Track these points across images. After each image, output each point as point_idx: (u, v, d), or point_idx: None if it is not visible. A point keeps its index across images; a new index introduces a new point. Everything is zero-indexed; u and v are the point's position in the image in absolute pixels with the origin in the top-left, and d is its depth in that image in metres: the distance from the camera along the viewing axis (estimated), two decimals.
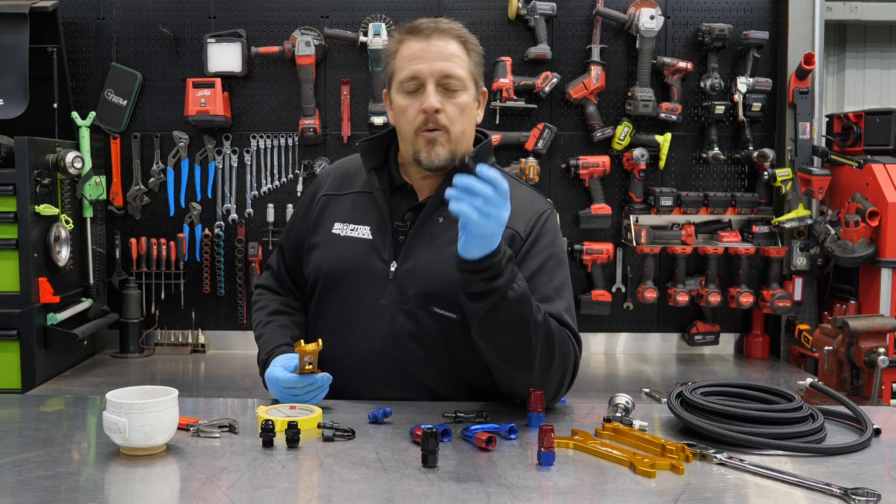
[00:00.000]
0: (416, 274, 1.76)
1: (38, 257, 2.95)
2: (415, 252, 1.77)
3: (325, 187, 1.93)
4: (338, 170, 1.97)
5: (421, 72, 1.72)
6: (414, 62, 1.72)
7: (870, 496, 1.23)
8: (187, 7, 3.48)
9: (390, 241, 1.80)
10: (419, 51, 1.73)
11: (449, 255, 1.60)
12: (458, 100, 1.73)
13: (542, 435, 1.39)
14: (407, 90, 1.74)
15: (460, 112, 1.74)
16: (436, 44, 1.73)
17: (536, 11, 3.38)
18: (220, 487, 1.30)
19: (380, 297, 1.77)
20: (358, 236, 1.82)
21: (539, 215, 1.79)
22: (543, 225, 1.78)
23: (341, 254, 1.82)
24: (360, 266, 1.80)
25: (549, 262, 1.75)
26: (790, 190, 3.41)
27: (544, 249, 1.76)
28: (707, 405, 1.53)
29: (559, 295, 1.73)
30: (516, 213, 1.68)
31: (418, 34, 1.75)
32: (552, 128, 3.41)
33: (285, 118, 3.48)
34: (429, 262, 1.75)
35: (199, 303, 3.52)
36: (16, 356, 2.91)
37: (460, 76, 1.73)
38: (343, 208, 1.87)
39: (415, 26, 1.77)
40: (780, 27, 3.50)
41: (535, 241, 1.75)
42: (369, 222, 1.83)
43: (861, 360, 2.62)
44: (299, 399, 1.71)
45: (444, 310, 1.72)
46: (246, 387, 2.96)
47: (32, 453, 1.46)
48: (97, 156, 3.42)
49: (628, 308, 3.58)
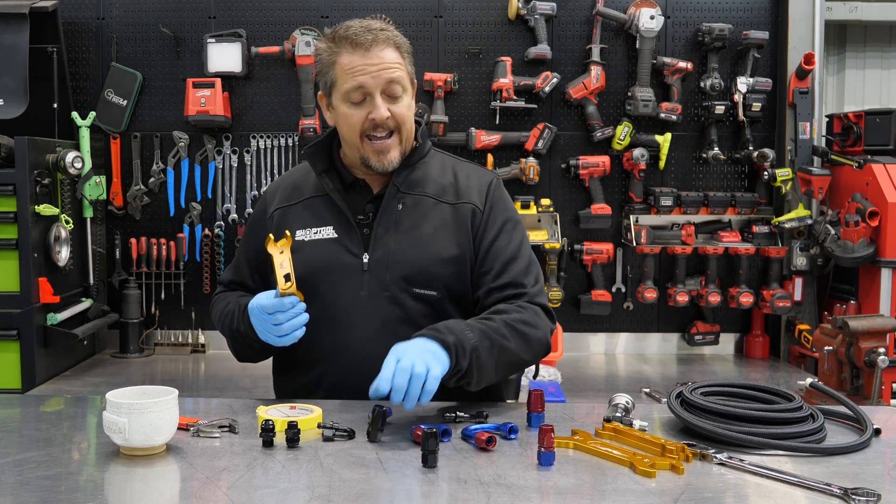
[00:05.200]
0: (390, 260, 1.83)
1: (38, 257, 2.95)
2: (383, 240, 1.84)
3: (276, 202, 1.97)
4: (284, 183, 2.02)
5: (366, 83, 1.80)
6: (357, 75, 1.80)
7: (870, 496, 1.23)
8: (187, 7, 3.48)
9: (357, 234, 1.86)
10: (361, 64, 1.80)
11: (417, 238, 1.83)
12: (402, 102, 1.84)
13: (542, 435, 1.39)
14: (352, 100, 1.82)
15: (406, 111, 1.85)
16: (376, 54, 1.80)
17: (536, 11, 3.38)
18: (220, 487, 1.30)
19: (359, 289, 1.83)
20: (322, 237, 1.88)
21: (488, 186, 1.93)
22: (493, 193, 1.93)
23: (310, 256, 1.85)
24: (332, 264, 1.85)
25: (507, 226, 1.90)
26: (790, 190, 3.41)
27: (499, 215, 1.90)
28: (707, 405, 1.53)
29: (519, 253, 1.88)
30: (467, 188, 1.90)
31: (357, 46, 1.80)
32: (552, 128, 3.41)
33: (285, 118, 3.48)
34: (399, 248, 1.84)
35: (199, 303, 3.51)
36: (16, 356, 2.91)
37: (402, 81, 1.83)
38: (300, 216, 1.92)
39: (350, 37, 1.81)
40: (780, 27, 3.50)
41: (491, 209, 1.90)
42: (330, 222, 1.89)
43: (861, 360, 2.62)
44: (286, 327, 1.71)
45: (424, 289, 1.83)
46: (246, 387, 2.96)
47: (32, 453, 1.46)
48: (97, 156, 3.42)
49: (628, 308, 3.58)
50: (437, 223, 1.86)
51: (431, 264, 1.82)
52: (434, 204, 1.88)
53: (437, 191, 1.90)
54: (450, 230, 1.86)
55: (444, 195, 1.89)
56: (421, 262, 1.82)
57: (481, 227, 1.87)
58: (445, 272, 1.83)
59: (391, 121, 1.82)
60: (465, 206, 1.88)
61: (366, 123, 1.81)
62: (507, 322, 1.75)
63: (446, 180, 1.92)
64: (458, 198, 1.89)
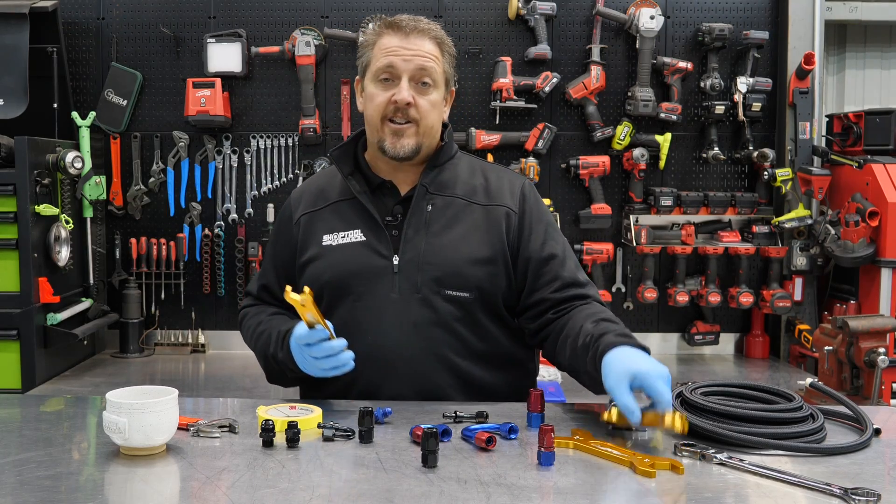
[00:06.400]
0: (421, 261, 1.81)
1: (38, 257, 2.95)
2: (413, 242, 1.83)
3: (301, 207, 1.95)
4: (309, 189, 2.00)
5: (396, 64, 1.81)
6: (391, 55, 1.81)
7: (870, 496, 1.23)
8: (187, 7, 3.48)
9: (385, 236, 1.84)
10: (397, 45, 1.82)
11: (449, 239, 1.81)
12: (429, 96, 1.83)
13: (542, 435, 1.39)
14: (380, 79, 1.82)
15: (430, 107, 1.83)
16: (414, 41, 1.82)
17: (536, 11, 3.38)
18: (220, 487, 1.30)
19: (390, 291, 1.81)
20: (351, 241, 1.86)
21: (522, 189, 1.92)
22: (529, 196, 1.92)
23: (339, 260, 1.84)
24: (362, 267, 1.83)
25: (549, 230, 1.90)
26: (790, 190, 3.41)
27: (542, 218, 1.91)
28: (707, 405, 1.53)
29: (567, 254, 1.90)
30: (499, 190, 1.89)
31: (398, 30, 1.83)
32: (552, 128, 3.41)
33: (285, 118, 3.48)
34: (431, 249, 1.82)
35: (199, 303, 3.52)
36: (16, 356, 2.91)
37: (434, 74, 1.83)
38: (327, 220, 1.90)
39: (395, 22, 1.84)
40: (780, 27, 3.50)
41: (530, 213, 1.89)
42: (358, 225, 1.87)
43: (861, 360, 2.62)
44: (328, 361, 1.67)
45: (456, 291, 1.81)
46: (246, 387, 2.96)
47: (32, 453, 1.46)
48: (97, 156, 3.43)
49: (628, 308, 3.58)
50: (468, 224, 1.85)
51: (464, 265, 1.80)
52: (465, 205, 1.87)
53: (466, 192, 1.89)
54: (482, 231, 1.85)
55: (474, 196, 1.88)
56: (453, 264, 1.80)
57: (520, 232, 1.86)
58: (478, 273, 1.82)
59: (413, 109, 1.80)
60: (499, 209, 1.87)
61: (388, 106, 1.81)
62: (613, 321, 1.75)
63: (476, 182, 1.91)
64: (490, 200, 1.88)
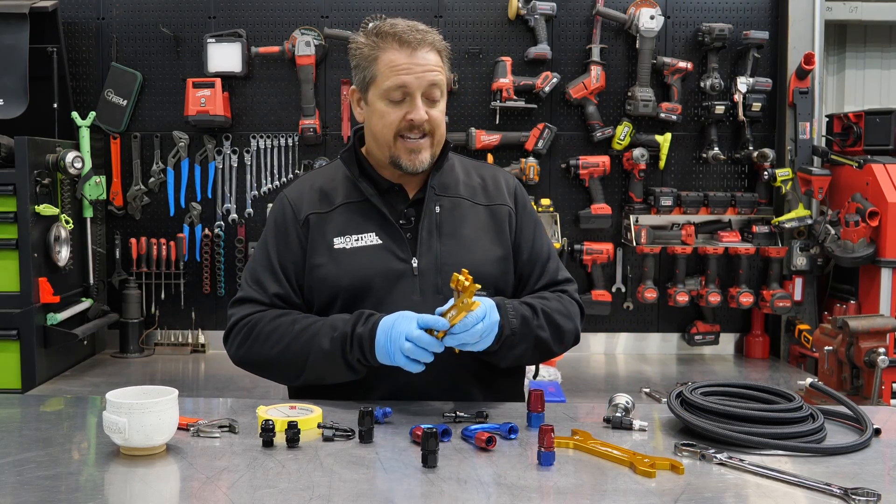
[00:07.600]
0: (439, 263, 1.83)
1: (38, 257, 2.95)
2: (429, 244, 1.84)
3: (306, 207, 1.88)
4: (306, 189, 1.93)
5: (409, 83, 1.79)
6: (402, 73, 1.78)
7: (870, 496, 1.23)
8: (187, 7, 3.48)
9: (402, 239, 1.84)
10: (406, 63, 1.78)
11: (461, 241, 1.86)
12: (439, 107, 1.85)
13: (542, 435, 1.39)
14: (392, 99, 1.80)
15: (441, 116, 1.86)
16: (422, 56, 1.79)
17: (536, 11, 3.38)
18: (220, 487, 1.30)
19: (411, 293, 1.82)
20: (366, 244, 1.84)
21: (515, 188, 2.00)
22: (520, 195, 2.00)
23: (356, 264, 1.82)
24: (382, 270, 1.82)
25: (538, 228, 1.99)
26: (790, 190, 3.41)
27: (531, 217, 1.99)
28: (707, 405, 1.53)
29: (551, 252, 2.00)
30: (497, 189, 1.96)
31: (404, 44, 1.79)
32: (552, 128, 3.41)
33: (285, 118, 3.48)
34: (447, 251, 1.85)
35: (199, 303, 3.52)
36: (16, 356, 2.91)
37: (442, 85, 1.84)
38: (336, 223, 1.86)
39: (399, 35, 1.79)
40: (780, 27, 3.50)
41: (522, 212, 1.97)
42: (371, 228, 1.85)
43: (861, 360, 2.62)
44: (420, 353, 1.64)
45: None
46: (246, 387, 2.95)
47: (32, 453, 1.46)
48: (97, 156, 3.42)
49: (628, 308, 3.58)
50: (476, 225, 1.89)
51: (481, 265, 1.83)
52: (470, 206, 1.91)
53: (468, 192, 1.92)
54: (490, 231, 1.89)
55: (475, 197, 1.93)
56: (471, 264, 1.79)
57: (516, 230, 1.94)
58: (495, 272, 1.87)
59: (427, 124, 1.82)
60: (502, 208, 1.93)
61: (402, 123, 1.80)
62: (545, 310, 1.82)
63: (474, 182, 1.95)
64: (490, 199, 1.93)
